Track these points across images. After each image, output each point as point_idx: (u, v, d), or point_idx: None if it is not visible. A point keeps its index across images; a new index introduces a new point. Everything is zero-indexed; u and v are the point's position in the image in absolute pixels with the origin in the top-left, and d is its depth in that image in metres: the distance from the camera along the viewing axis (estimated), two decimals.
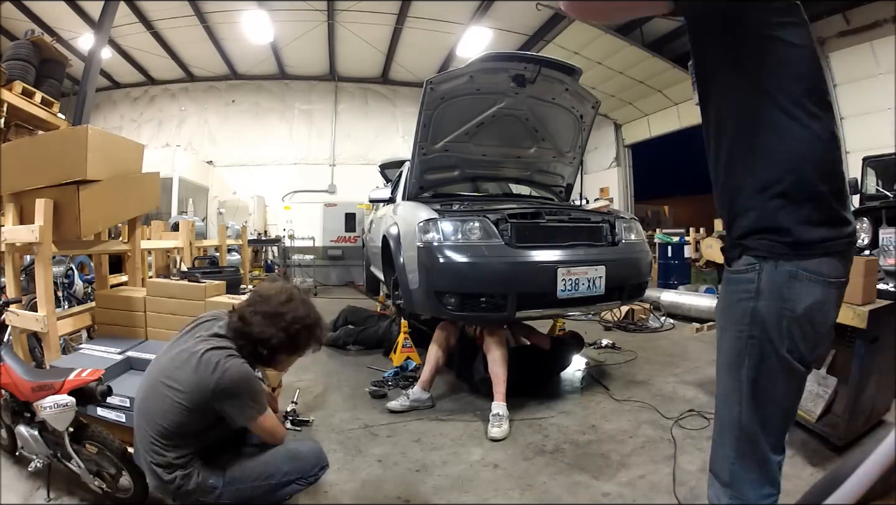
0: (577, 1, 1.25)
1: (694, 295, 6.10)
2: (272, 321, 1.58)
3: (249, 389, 1.56)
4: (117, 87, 11.55)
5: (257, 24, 8.63)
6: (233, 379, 1.52)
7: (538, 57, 3.69)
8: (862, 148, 6.62)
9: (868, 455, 0.59)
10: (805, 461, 2.34)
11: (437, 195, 4.14)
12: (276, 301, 1.62)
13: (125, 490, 1.97)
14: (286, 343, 1.61)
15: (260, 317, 1.59)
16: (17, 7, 7.75)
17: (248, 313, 1.60)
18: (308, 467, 1.70)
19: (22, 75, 4.99)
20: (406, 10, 8.58)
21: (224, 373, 1.51)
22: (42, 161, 2.77)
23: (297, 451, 1.72)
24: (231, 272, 4.57)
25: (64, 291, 3.92)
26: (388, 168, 6.74)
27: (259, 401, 1.59)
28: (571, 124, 4.09)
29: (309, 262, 10.07)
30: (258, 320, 1.58)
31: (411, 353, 3.96)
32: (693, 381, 3.57)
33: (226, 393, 1.51)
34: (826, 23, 7.25)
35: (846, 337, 2.46)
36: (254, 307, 1.61)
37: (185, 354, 1.57)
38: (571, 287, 3.00)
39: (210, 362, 1.52)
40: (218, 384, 1.50)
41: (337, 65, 11.18)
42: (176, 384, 1.53)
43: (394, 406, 3.08)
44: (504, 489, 2.20)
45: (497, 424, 2.74)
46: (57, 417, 1.84)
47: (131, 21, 8.47)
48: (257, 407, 1.58)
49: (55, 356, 2.59)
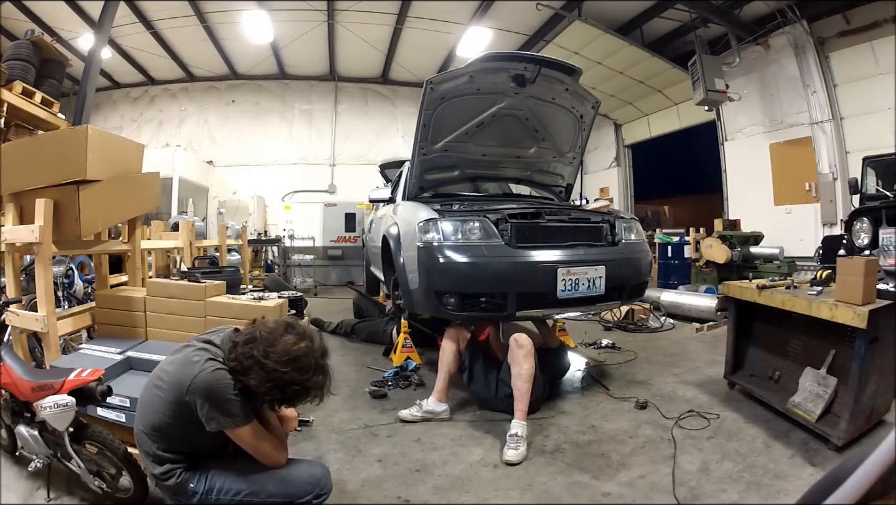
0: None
1: (694, 295, 6.10)
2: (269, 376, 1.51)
3: (218, 396, 1.51)
4: (117, 87, 11.56)
5: (257, 24, 8.63)
6: (205, 382, 1.51)
7: (538, 57, 3.69)
8: (862, 148, 6.62)
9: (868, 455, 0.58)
10: (805, 461, 2.34)
11: (437, 195, 4.14)
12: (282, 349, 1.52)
13: (125, 490, 1.97)
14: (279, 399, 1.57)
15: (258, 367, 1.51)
16: (17, 7, 7.75)
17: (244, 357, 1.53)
18: (299, 493, 1.62)
19: (22, 75, 5.00)
20: (406, 10, 8.58)
21: (200, 373, 1.52)
22: (42, 161, 2.77)
23: (287, 474, 1.65)
24: (231, 272, 4.56)
25: (64, 291, 3.92)
26: (388, 168, 6.74)
27: (229, 412, 1.52)
28: (571, 124, 4.09)
29: (309, 262, 10.07)
30: (255, 370, 1.51)
31: (411, 353, 3.95)
32: (693, 381, 3.57)
33: (196, 393, 1.52)
34: (826, 23, 7.25)
35: (846, 337, 2.47)
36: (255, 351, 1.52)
37: (177, 356, 1.65)
38: (571, 287, 3.00)
39: (191, 361, 1.56)
40: (192, 382, 1.52)
41: (337, 65, 11.18)
42: (162, 382, 1.60)
43: (405, 415, 2.89)
44: (504, 489, 2.19)
45: (514, 445, 2.47)
46: (57, 417, 1.84)
47: (131, 21, 8.48)
48: (228, 418, 1.52)
49: (55, 356, 2.59)
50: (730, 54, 7.99)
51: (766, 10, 7.60)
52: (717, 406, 3.05)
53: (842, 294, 2.41)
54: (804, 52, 7.41)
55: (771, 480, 2.18)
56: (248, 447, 1.60)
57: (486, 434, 2.75)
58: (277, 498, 1.60)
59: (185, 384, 1.52)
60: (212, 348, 1.61)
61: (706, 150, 10.10)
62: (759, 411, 2.92)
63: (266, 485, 1.61)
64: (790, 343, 2.95)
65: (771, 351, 3.13)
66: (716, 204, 9.76)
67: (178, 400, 1.55)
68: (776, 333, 3.06)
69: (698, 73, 7.43)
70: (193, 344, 1.66)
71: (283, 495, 1.60)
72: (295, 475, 1.66)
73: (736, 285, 3.21)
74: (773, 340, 3.10)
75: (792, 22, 7.37)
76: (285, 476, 1.65)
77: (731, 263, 7.04)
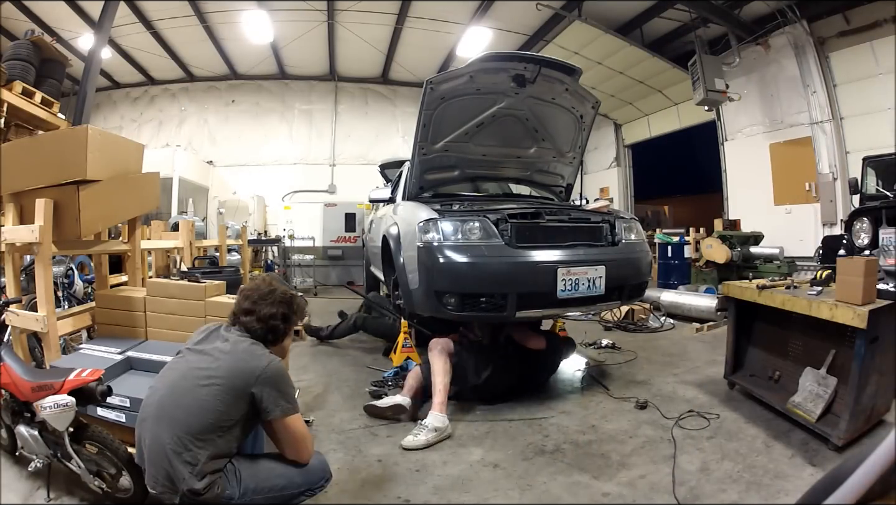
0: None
1: (694, 295, 6.10)
2: (269, 300, 1.81)
3: (285, 383, 1.70)
4: (117, 87, 11.56)
5: (257, 24, 8.64)
6: (278, 370, 1.67)
7: (538, 57, 3.69)
8: (862, 148, 6.62)
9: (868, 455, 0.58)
10: (805, 461, 2.34)
11: (437, 195, 4.14)
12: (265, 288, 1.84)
13: (125, 490, 1.97)
14: (289, 314, 1.84)
15: (261, 302, 1.79)
16: (17, 7, 7.75)
17: (250, 303, 1.79)
18: (316, 479, 1.77)
19: (22, 75, 4.99)
20: (406, 10, 8.59)
21: (271, 363, 1.67)
22: (42, 161, 2.77)
23: (308, 464, 1.76)
24: (231, 272, 4.56)
25: (64, 291, 3.92)
26: (388, 168, 6.73)
27: (292, 398, 1.70)
28: (571, 124, 4.09)
29: (309, 262, 10.06)
30: (261, 304, 1.79)
31: (411, 353, 3.95)
32: (693, 381, 3.57)
33: (269, 381, 1.63)
34: (826, 23, 7.25)
35: (846, 337, 2.47)
36: (250, 299, 1.81)
37: (218, 352, 1.68)
38: (571, 287, 3.00)
39: (256, 354, 1.69)
40: (265, 371, 1.63)
41: (337, 65, 11.19)
42: (214, 374, 1.62)
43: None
44: (504, 489, 2.20)
45: (416, 432, 2.63)
46: (57, 417, 1.84)
47: (131, 21, 8.48)
48: (293, 405, 1.68)
49: (55, 356, 2.59)
50: (730, 54, 7.99)
51: (766, 10, 7.60)
52: (717, 406, 3.05)
53: (842, 294, 2.41)
54: (804, 52, 7.41)
55: (771, 480, 2.18)
56: (298, 435, 1.70)
57: (486, 434, 2.76)
58: (302, 487, 1.72)
59: (256, 373, 1.62)
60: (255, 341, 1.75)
61: (706, 150, 10.10)
62: (759, 411, 2.92)
63: (294, 478, 1.70)
64: (790, 343, 2.95)
65: (771, 351, 3.13)
66: (716, 204, 9.76)
67: (242, 388, 1.60)
68: (776, 333, 3.06)
69: (698, 73, 7.44)
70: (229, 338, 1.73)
71: (307, 484, 1.73)
72: (311, 463, 1.76)
73: (736, 285, 3.21)
74: (773, 340, 3.10)
75: (792, 22, 7.38)
76: (306, 467, 1.74)
77: (731, 263, 7.03)
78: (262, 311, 1.78)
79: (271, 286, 1.86)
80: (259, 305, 1.79)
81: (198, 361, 1.68)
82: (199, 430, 1.56)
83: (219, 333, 1.78)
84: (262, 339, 1.77)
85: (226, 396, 1.59)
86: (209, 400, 1.58)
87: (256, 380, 1.61)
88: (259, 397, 1.61)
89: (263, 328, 1.77)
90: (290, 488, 1.69)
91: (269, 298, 1.80)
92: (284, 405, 1.64)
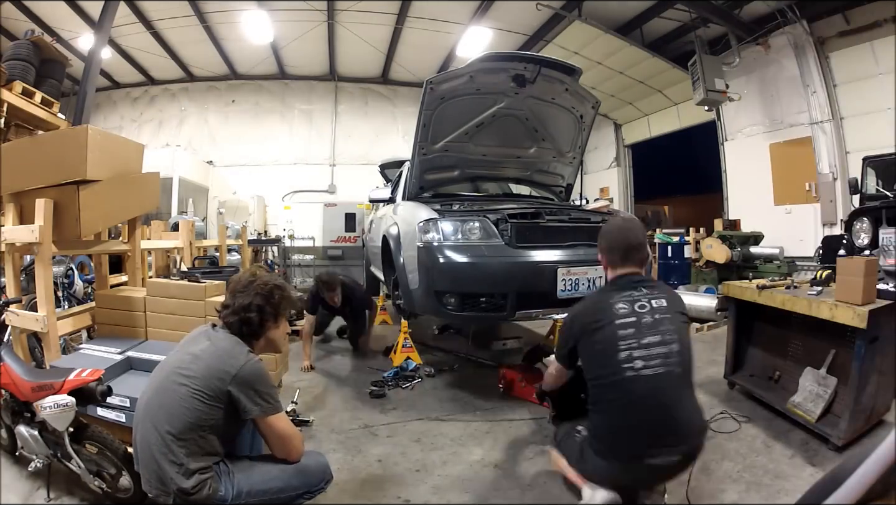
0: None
1: (694, 295, 6.09)
2: (246, 291, 1.75)
3: (264, 383, 1.65)
4: (117, 87, 11.55)
5: (257, 24, 8.62)
6: (254, 370, 1.63)
7: (538, 57, 3.69)
8: (862, 148, 6.61)
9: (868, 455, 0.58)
10: (805, 461, 2.34)
11: (437, 195, 4.14)
12: (245, 280, 1.80)
13: (125, 490, 1.97)
14: (265, 305, 1.75)
15: (238, 294, 1.75)
16: (17, 7, 7.75)
17: (229, 296, 1.78)
18: (315, 481, 1.74)
19: (22, 75, 4.99)
20: (406, 10, 8.58)
21: (247, 362, 1.62)
22: (42, 161, 2.77)
23: (306, 466, 1.74)
24: (231, 272, 4.55)
25: (64, 291, 3.92)
26: (388, 168, 6.73)
27: (275, 399, 1.66)
28: (571, 124, 4.09)
29: (309, 262, 10.06)
30: (238, 296, 1.75)
31: (411, 353, 3.95)
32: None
33: (245, 381, 1.59)
34: (826, 23, 7.24)
35: (846, 337, 2.47)
36: (230, 292, 1.79)
37: (199, 350, 1.65)
38: (571, 287, 3.00)
39: (234, 353, 1.64)
40: (241, 371, 1.59)
41: (337, 65, 11.18)
42: (193, 374, 1.59)
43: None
44: (504, 489, 2.20)
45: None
46: (57, 417, 1.84)
47: (131, 21, 8.47)
48: (273, 404, 1.64)
49: (55, 356, 2.59)
50: (730, 54, 7.99)
51: (766, 10, 7.59)
52: (717, 406, 3.05)
53: (842, 294, 2.41)
54: (804, 52, 7.40)
55: (771, 480, 2.18)
56: (283, 434, 1.66)
57: (486, 434, 2.75)
58: (300, 490, 1.70)
59: (231, 373, 1.58)
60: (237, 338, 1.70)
61: (706, 150, 10.09)
62: (759, 411, 2.92)
63: (290, 480, 1.68)
64: (790, 343, 2.95)
65: (771, 351, 3.12)
66: (716, 204, 9.75)
67: (218, 389, 1.57)
68: (776, 333, 3.06)
69: (698, 73, 7.43)
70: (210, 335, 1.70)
71: (305, 486, 1.70)
72: (310, 465, 1.74)
73: (736, 285, 3.21)
74: (773, 340, 3.10)
75: (792, 22, 7.37)
76: (303, 468, 1.72)
77: (731, 263, 7.03)
78: (236, 302, 1.73)
79: (252, 277, 1.81)
80: (236, 297, 1.74)
81: (181, 361, 1.65)
82: (181, 429, 1.54)
83: (207, 332, 1.75)
84: (238, 333, 1.71)
85: (204, 396, 1.56)
86: (188, 399, 1.56)
87: (232, 379, 1.58)
88: (236, 397, 1.58)
89: (238, 321, 1.71)
90: (287, 491, 1.66)
91: (247, 290, 1.75)
92: (264, 405, 1.61)
